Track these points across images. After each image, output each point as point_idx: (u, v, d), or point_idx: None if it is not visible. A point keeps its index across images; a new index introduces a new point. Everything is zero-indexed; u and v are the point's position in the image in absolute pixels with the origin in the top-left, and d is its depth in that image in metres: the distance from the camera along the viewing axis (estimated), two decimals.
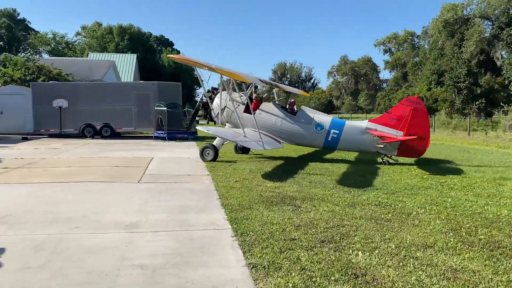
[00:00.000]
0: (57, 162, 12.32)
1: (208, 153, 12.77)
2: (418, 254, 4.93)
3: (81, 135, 22.05)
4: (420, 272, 4.40)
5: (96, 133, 22.12)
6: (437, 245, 5.28)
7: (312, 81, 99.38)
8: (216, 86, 14.68)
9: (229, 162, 12.50)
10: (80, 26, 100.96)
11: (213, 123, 14.63)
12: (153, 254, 4.87)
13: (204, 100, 14.30)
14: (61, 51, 78.09)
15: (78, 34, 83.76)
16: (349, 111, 71.69)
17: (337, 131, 12.81)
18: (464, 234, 5.76)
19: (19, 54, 55.15)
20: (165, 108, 20.84)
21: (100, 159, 13.13)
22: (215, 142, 13.02)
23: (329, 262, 4.63)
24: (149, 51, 77.02)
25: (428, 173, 11.10)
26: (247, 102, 13.06)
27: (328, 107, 75.76)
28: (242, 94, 13.85)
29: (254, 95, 13.82)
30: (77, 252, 4.90)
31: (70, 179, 9.44)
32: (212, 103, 13.94)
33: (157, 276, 4.25)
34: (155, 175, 10.26)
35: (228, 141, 13.29)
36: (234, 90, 13.65)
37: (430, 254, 4.96)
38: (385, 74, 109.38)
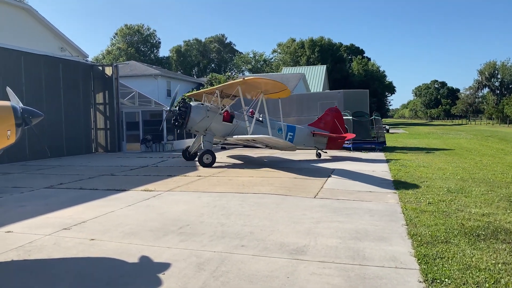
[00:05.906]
0: (241, 172, 12.75)
1: (207, 158, 14.00)
2: None
3: None
4: None
5: None
6: None
7: None
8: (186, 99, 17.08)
9: (420, 178, 10.72)
10: (276, 43, 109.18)
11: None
12: None
13: (181, 111, 14.60)
14: (259, 68, 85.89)
15: (274, 51, 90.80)
16: None
17: (292, 133, 15.83)
18: None
19: (226, 74, 62.77)
20: (351, 117, 19.92)
21: (281, 169, 13.06)
22: (208, 147, 14.45)
23: None
24: (339, 60, 77.57)
25: None
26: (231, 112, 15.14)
27: None
28: (223, 106, 15.25)
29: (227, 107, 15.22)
30: (236, 278, 4.41)
31: (247, 190, 9.44)
32: (190, 115, 14.52)
33: None
34: (333, 190, 9.40)
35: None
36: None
37: None
38: None
